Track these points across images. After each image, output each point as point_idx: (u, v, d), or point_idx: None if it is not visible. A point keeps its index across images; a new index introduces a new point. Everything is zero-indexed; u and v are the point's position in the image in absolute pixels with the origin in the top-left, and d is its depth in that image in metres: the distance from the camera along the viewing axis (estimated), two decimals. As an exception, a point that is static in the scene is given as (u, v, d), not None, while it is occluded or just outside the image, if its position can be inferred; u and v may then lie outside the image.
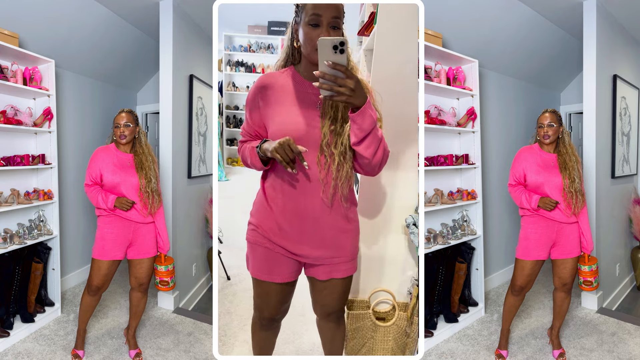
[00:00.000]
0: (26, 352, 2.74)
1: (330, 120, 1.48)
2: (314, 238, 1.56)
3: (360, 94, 1.30)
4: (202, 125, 4.10)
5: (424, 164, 2.90)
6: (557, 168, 2.53)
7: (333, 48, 1.22)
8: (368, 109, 1.33)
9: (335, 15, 1.41)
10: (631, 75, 4.06)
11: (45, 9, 3.04)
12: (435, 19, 2.93)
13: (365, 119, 1.34)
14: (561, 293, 2.67)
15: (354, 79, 1.27)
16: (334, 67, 1.24)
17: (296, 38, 1.51)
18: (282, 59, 1.60)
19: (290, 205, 1.53)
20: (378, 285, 2.34)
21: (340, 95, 1.27)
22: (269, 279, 1.61)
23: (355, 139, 1.39)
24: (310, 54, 1.44)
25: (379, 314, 2.33)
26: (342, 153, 1.48)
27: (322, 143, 1.47)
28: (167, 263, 2.65)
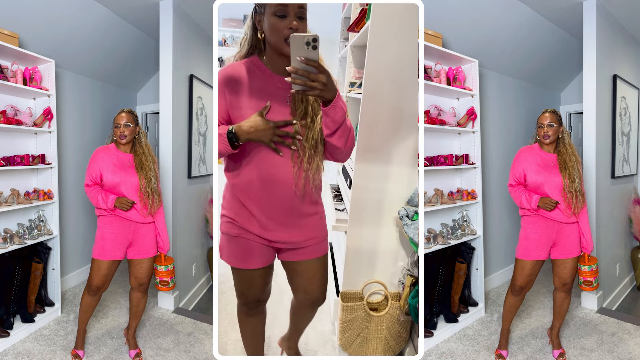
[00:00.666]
0: (26, 352, 2.74)
1: (301, 115, 1.52)
2: (288, 225, 1.63)
3: (332, 88, 1.36)
4: (202, 125, 4.10)
5: (424, 164, 2.90)
6: (557, 168, 2.53)
7: (306, 44, 1.26)
8: (339, 102, 1.40)
9: (301, 5, 1.44)
10: (631, 75, 4.06)
11: (45, 9, 3.04)
12: (435, 19, 2.93)
13: (337, 111, 1.41)
14: (561, 293, 2.67)
15: (326, 73, 1.33)
16: (307, 63, 1.28)
17: (260, 29, 1.51)
18: (245, 52, 1.58)
19: (264, 196, 1.57)
20: (370, 277, 2.39)
21: (313, 90, 1.33)
22: (248, 266, 1.67)
23: (328, 131, 1.47)
24: (278, 44, 1.46)
25: (372, 305, 2.37)
26: (313, 146, 1.54)
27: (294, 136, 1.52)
28: (167, 263, 2.65)
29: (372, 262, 2.39)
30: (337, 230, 2.52)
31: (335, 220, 2.54)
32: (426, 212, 3.02)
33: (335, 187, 3.45)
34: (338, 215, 2.65)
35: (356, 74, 3.11)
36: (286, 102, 1.53)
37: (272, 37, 1.46)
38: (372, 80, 2.14)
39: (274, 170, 1.54)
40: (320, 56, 1.36)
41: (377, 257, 2.39)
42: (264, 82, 1.53)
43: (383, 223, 2.35)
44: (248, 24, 1.55)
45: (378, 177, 2.27)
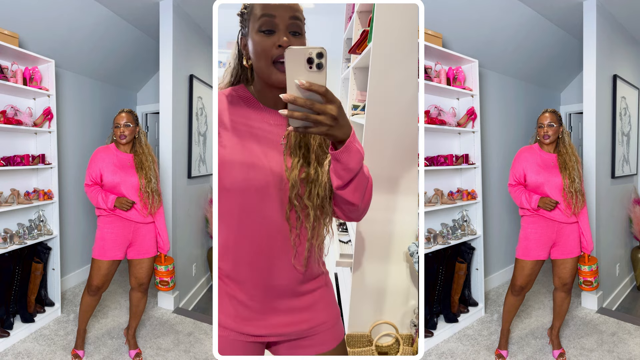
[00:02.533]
0: (26, 352, 2.74)
1: (300, 164, 1.09)
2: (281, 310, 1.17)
3: (344, 123, 0.92)
4: (202, 125, 4.10)
5: (424, 164, 2.90)
6: (557, 168, 2.53)
7: (307, 61, 0.86)
8: (354, 143, 0.96)
9: (293, 15, 1.05)
10: (631, 75, 4.06)
11: (45, 9, 3.04)
12: (435, 19, 2.93)
13: (351, 155, 0.96)
14: (561, 293, 2.67)
15: (336, 103, 0.89)
16: (309, 88, 0.86)
17: (246, 55, 1.12)
18: (227, 83, 1.19)
19: (252, 274, 1.13)
20: (379, 317, 2.17)
21: (319, 126, 0.89)
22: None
23: (340, 182, 1.01)
24: (265, 72, 1.05)
25: (381, 348, 2.18)
26: (319, 206, 1.10)
27: (292, 195, 1.08)
28: (167, 263, 2.65)
29: (381, 301, 2.17)
30: (342, 266, 2.30)
31: (340, 255, 2.30)
32: (426, 212, 3.02)
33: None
34: (342, 248, 2.40)
35: (359, 96, 2.92)
36: (279, 144, 1.11)
37: (257, 61, 1.06)
38: (375, 105, 1.99)
39: (264, 234, 1.11)
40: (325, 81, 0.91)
41: (386, 296, 2.17)
42: (250, 116, 1.12)
43: (392, 258, 2.14)
44: (233, 52, 1.19)
45: (385, 207, 2.07)
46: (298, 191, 1.08)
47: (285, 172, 1.08)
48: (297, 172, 1.08)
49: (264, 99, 1.13)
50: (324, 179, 1.09)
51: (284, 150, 1.10)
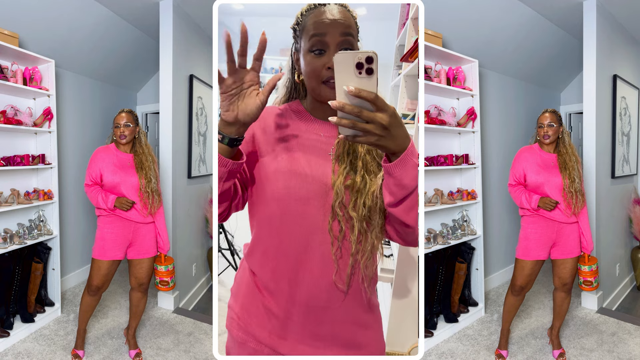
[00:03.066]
0: (26, 352, 2.74)
1: (346, 171, 1.02)
2: (321, 335, 1.08)
3: (399, 134, 0.84)
4: (202, 125, 4.10)
5: (424, 164, 2.90)
6: (557, 168, 2.54)
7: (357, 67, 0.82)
8: (411, 157, 0.87)
9: (344, 31, 1.01)
10: (631, 75, 4.06)
11: (45, 9, 3.04)
12: (435, 19, 2.93)
13: (406, 170, 0.88)
14: (561, 293, 2.67)
15: (389, 111, 0.81)
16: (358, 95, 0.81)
17: (298, 70, 1.11)
18: (283, 96, 1.18)
19: (289, 288, 1.06)
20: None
21: (368, 135, 0.82)
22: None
23: (392, 199, 0.92)
24: (315, 89, 1.04)
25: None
26: (365, 217, 1.02)
27: (334, 203, 1.01)
28: (167, 263, 2.65)
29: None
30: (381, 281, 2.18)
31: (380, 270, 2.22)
32: (426, 212, 3.02)
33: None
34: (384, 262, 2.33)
35: (409, 105, 2.82)
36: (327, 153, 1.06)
37: (307, 80, 1.05)
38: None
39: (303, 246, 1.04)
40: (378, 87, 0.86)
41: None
42: (301, 127, 1.10)
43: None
44: (288, 64, 1.17)
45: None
46: (342, 200, 1.01)
47: (332, 180, 1.02)
48: (342, 179, 1.02)
49: (316, 112, 1.11)
50: (373, 189, 1.01)
51: (333, 158, 1.05)
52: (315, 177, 1.03)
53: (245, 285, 1.13)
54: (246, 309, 1.11)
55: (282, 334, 1.07)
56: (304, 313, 1.06)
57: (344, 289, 1.05)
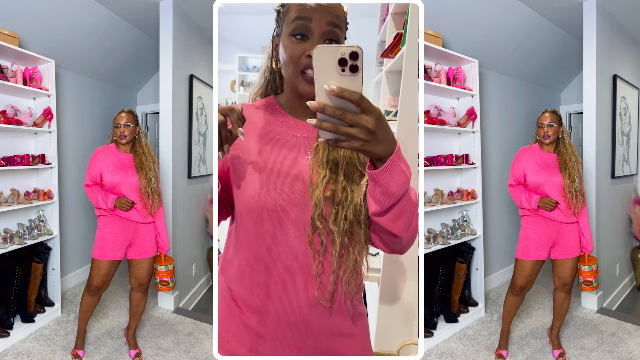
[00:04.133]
0: (26, 352, 2.74)
1: (326, 181, 0.94)
2: (305, 349, 1.01)
3: (385, 138, 0.75)
4: (202, 125, 4.10)
5: (424, 164, 2.90)
6: (557, 168, 2.54)
7: (339, 63, 0.70)
8: (398, 162, 0.78)
9: (331, 21, 0.92)
10: (631, 75, 4.06)
11: (45, 9, 3.04)
12: (435, 19, 2.93)
13: (393, 177, 0.79)
14: (561, 293, 2.67)
15: (375, 113, 0.72)
16: (341, 95, 0.70)
17: (276, 57, 1.02)
18: (260, 87, 1.10)
19: (269, 304, 0.98)
20: (408, 337, 2.04)
21: (351, 140, 0.73)
22: None
23: (378, 208, 0.84)
24: (294, 79, 0.94)
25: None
26: (347, 232, 0.94)
27: (314, 215, 0.93)
28: (167, 263, 2.65)
29: (411, 320, 2.04)
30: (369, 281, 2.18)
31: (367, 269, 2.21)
32: (426, 212, 3.02)
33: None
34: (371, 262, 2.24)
35: (392, 101, 2.71)
36: (305, 158, 0.98)
37: (284, 67, 0.96)
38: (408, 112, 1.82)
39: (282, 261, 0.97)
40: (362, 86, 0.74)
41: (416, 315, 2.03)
42: (276, 128, 1.01)
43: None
44: (267, 53, 1.07)
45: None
46: (322, 212, 0.93)
47: (310, 189, 0.94)
48: (321, 190, 0.93)
49: (293, 109, 1.02)
50: (355, 201, 0.92)
51: (310, 164, 0.96)
52: (292, 186, 0.95)
53: (222, 300, 1.05)
54: (224, 326, 1.03)
55: (263, 350, 1.00)
56: (285, 329, 0.99)
57: (327, 305, 0.98)
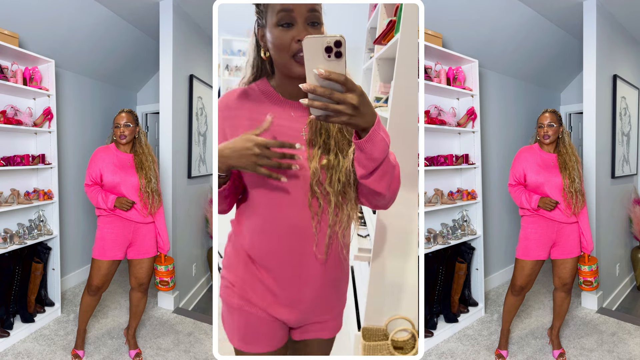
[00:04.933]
0: (26, 352, 2.74)
1: (321, 151, 1.11)
2: (304, 299, 1.22)
3: (368, 112, 0.91)
4: (202, 125, 4.10)
5: (424, 164, 2.90)
6: (557, 168, 2.53)
7: (326, 50, 0.86)
8: (379, 132, 0.95)
9: (311, 7, 1.06)
10: (631, 75, 4.06)
11: (45, 9, 3.04)
12: (435, 19, 2.93)
13: (375, 145, 0.95)
14: (561, 293, 2.67)
15: (357, 91, 0.88)
16: (328, 77, 0.86)
17: (264, 46, 1.14)
18: (251, 76, 1.22)
19: (274, 260, 1.18)
20: (396, 312, 2.18)
21: (339, 115, 0.89)
22: (254, 350, 1.23)
23: (364, 171, 1.01)
24: (285, 64, 1.08)
25: (396, 343, 2.18)
26: (340, 192, 1.12)
27: (312, 182, 1.11)
28: (167, 263, 2.65)
29: (398, 296, 2.17)
30: (360, 261, 2.30)
31: (358, 250, 2.31)
32: (426, 212, 3.02)
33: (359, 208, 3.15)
34: (361, 242, 2.41)
35: (382, 88, 2.77)
36: (299, 133, 1.14)
37: (277, 55, 1.09)
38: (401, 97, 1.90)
39: (286, 223, 1.15)
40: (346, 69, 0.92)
41: (403, 292, 2.17)
42: (273, 109, 1.15)
43: (410, 255, 2.12)
44: (251, 43, 1.20)
45: (406, 203, 2.01)
46: (319, 178, 1.11)
47: (307, 161, 1.11)
48: (317, 160, 1.11)
49: (284, 92, 1.16)
50: (345, 165, 1.10)
51: (306, 140, 1.13)
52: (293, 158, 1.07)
53: (237, 258, 1.23)
54: (240, 278, 1.22)
55: (274, 300, 1.20)
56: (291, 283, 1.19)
57: (323, 258, 1.18)
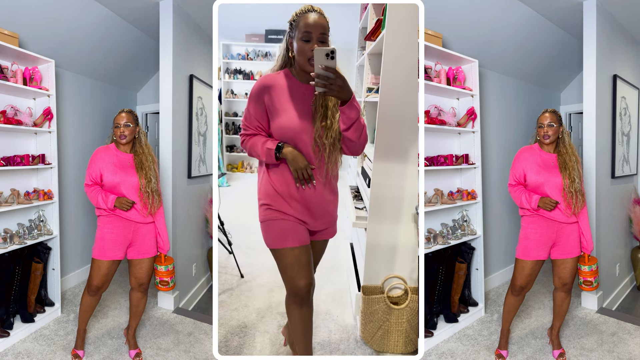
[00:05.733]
0: (26, 352, 2.74)
1: (321, 117, 1.82)
2: (315, 209, 1.91)
3: (347, 90, 1.67)
4: (202, 125, 4.10)
5: (424, 163, 2.90)
6: (557, 168, 2.53)
7: (326, 55, 1.60)
8: (353, 102, 1.72)
9: (322, 32, 1.75)
10: (631, 75, 4.06)
11: (45, 9, 3.04)
12: (435, 19, 2.93)
13: (352, 109, 1.73)
14: (561, 293, 2.67)
15: (342, 78, 1.65)
16: (327, 70, 1.61)
17: (291, 50, 1.85)
18: (279, 65, 1.92)
19: (294, 185, 1.87)
20: (390, 271, 2.51)
21: (332, 91, 1.65)
22: (293, 244, 1.86)
23: (345, 126, 1.77)
24: (303, 64, 1.78)
25: (392, 299, 2.49)
26: (332, 144, 1.84)
27: (316, 136, 1.82)
28: (167, 263, 2.65)
29: (392, 257, 2.51)
30: (358, 227, 2.62)
31: (356, 218, 2.63)
32: (426, 212, 3.02)
33: (355, 188, 3.49)
34: (358, 213, 2.74)
35: (373, 80, 3.31)
36: (309, 104, 1.84)
37: (299, 57, 1.79)
38: (388, 84, 2.30)
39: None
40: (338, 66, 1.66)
41: (396, 253, 2.51)
42: (295, 89, 1.86)
43: (402, 219, 2.47)
44: (283, 44, 1.89)
45: (396, 174, 2.41)
46: (320, 134, 1.82)
47: (313, 123, 1.84)
48: (319, 122, 1.83)
49: (301, 78, 1.87)
50: (336, 126, 1.83)
51: (312, 109, 1.84)
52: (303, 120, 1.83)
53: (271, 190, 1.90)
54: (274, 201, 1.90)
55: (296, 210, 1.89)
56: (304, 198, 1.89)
57: (323, 182, 1.91)
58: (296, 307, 1.93)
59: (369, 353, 2.55)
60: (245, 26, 7.76)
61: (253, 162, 8.27)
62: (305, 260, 1.87)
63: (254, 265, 3.78)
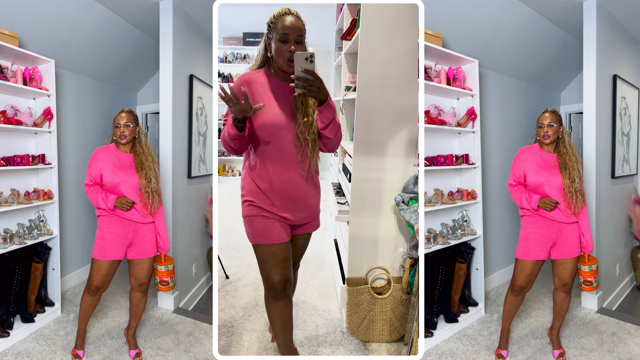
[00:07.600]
0: (26, 352, 2.74)
1: (302, 114, 1.90)
2: (297, 203, 1.98)
3: (324, 92, 1.77)
4: (202, 125, 4.10)
5: (424, 163, 2.90)
6: (557, 168, 2.53)
7: (305, 59, 1.69)
8: (330, 102, 1.82)
9: (299, 34, 1.84)
10: (631, 75, 4.06)
11: (45, 9, 3.04)
12: (435, 19, 2.93)
13: (329, 109, 1.83)
14: (561, 293, 2.67)
15: (320, 80, 1.74)
16: (306, 72, 1.70)
17: (269, 50, 1.93)
18: (258, 64, 1.99)
19: (277, 180, 1.93)
20: (373, 263, 2.61)
21: (311, 92, 1.74)
22: (270, 241, 1.94)
23: (322, 125, 1.87)
24: (281, 64, 1.87)
25: (376, 289, 2.59)
26: (313, 139, 1.92)
27: (298, 131, 1.89)
28: (167, 263, 2.65)
29: (374, 249, 2.60)
30: (340, 221, 2.71)
31: (338, 212, 2.73)
32: (426, 212, 3.02)
33: (337, 185, 3.57)
34: (340, 207, 2.83)
35: (351, 78, 3.46)
36: (289, 101, 1.92)
37: (277, 57, 1.87)
38: (364, 81, 2.41)
39: (284, 158, 1.92)
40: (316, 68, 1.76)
41: (378, 245, 2.60)
42: (275, 86, 1.93)
43: (382, 212, 2.56)
44: (262, 45, 1.97)
45: (375, 168, 2.51)
46: (301, 129, 1.89)
47: (294, 119, 1.90)
48: (300, 118, 1.89)
49: (278, 76, 1.95)
50: (315, 124, 1.89)
51: (292, 107, 1.91)
52: (284, 116, 1.89)
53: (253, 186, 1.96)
54: (256, 198, 1.95)
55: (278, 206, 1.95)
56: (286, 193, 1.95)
57: (305, 177, 1.97)
58: (273, 301, 2.02)
59: (355, 343, 2.62)
60: (223, 29, 7.87)
61: (234, 165, 8.39)
62: (282, 257, 1.94)
63: (239, 267, 3.81)
